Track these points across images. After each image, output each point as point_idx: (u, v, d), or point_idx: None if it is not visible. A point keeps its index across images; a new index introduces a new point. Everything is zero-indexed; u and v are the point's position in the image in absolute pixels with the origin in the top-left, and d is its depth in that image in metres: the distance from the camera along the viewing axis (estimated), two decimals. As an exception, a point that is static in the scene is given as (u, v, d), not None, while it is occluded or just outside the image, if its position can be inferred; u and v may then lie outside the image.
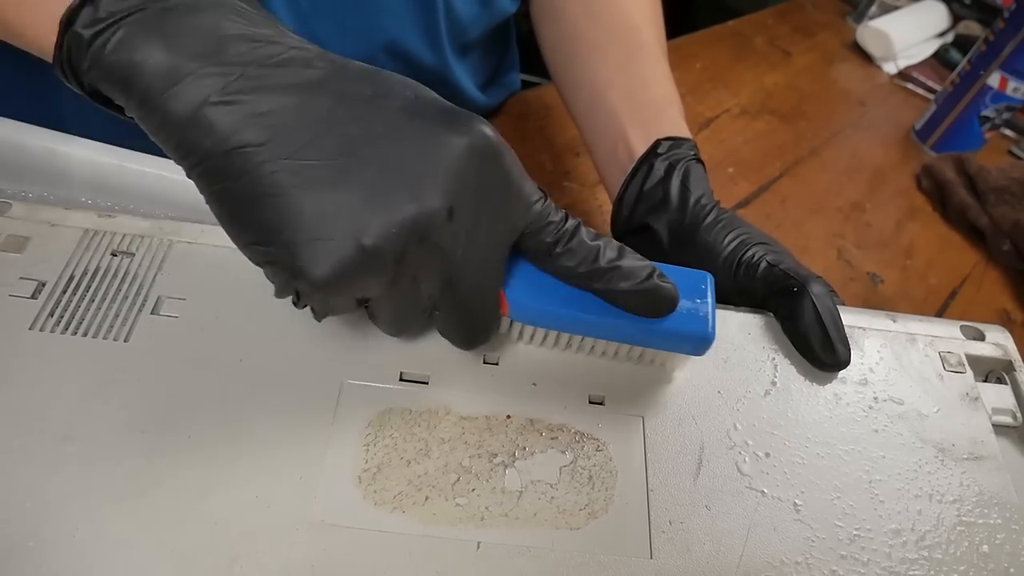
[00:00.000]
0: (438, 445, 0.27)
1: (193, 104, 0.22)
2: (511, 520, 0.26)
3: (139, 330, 0.28)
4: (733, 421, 0.29)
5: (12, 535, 0.23)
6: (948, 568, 0.26)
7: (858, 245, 0.64)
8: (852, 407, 0.31)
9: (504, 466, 0.27)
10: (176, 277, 0.30)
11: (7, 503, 0.24)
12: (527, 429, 0.28)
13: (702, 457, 0.28)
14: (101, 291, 0.29)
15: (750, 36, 0.90)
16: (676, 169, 0.40)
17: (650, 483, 0.27)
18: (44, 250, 0.30)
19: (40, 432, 0.25)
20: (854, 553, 0.26)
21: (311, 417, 0.27)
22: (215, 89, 0.22)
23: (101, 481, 0.25)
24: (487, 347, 0.30)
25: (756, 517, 0.27)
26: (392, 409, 0.28)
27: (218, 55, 0.22)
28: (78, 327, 0.28)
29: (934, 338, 0.34)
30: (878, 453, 0.29)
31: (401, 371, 0.29)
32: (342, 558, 0.24)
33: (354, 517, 0.25)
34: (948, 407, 0.31)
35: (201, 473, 0.25)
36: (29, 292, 0.29)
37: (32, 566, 0.23)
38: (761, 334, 0.33)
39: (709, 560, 0.26)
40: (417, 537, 0.25)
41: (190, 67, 0.22)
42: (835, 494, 0.28)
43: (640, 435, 0.29)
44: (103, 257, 0.30)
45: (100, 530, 0.24)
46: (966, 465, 0.29)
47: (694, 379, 0.31)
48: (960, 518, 0.28)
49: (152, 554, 0.23)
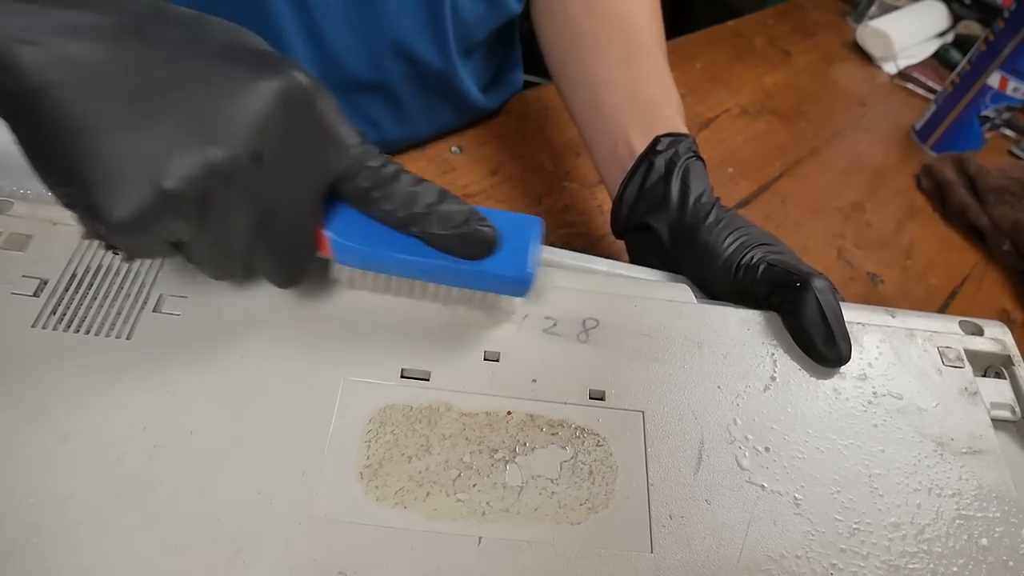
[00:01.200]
0: (439, 441, 0.27)
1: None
2: (512, 515, 0.26)
3: (141, 328, 0.29)
4: (733, 416, 0.30)
5: (14, 532, 0.23)
6: (947, 561, 0.27)
7: (858, 245, 0.64)
8: (852, 402, 0.31)
9: (505, 462, 0.27)
10: (177, 275, 0.30)
11: (9, 500, 0.24)
12: (528, 425, 0.28)
13: (702, 452, 0.28)
14: (103, 289, 0.29)
15: (750, 36, 0.90)
16: (676, 166, 0.40)
17: (650, 478, 0.27)
18: (46, 248, 0.30)
19: (42, 429, 0.25)
20: (854, 547, 0.26)
21: (312, 414, 0.27)
22: (21, 27, 0.21)
23: (103, 478, 0.25)
24: (481, 340, 0.30)
25: (756, 511, 0.27)
26: (393, 405, 0.28)
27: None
28: (80, 325, 0.28)
29: (933, 333, 0.34)
30: (877, 447, 0.29)
31: (402, 368, 0.29)
32: (344, 553, 0.24)
33: (356, 513, 0.25)
34: (947, 402, 0.31)
35: (203, 469, 0.25)
36: (31, 290, 0.29)
37: (34, 562, 0.23)
38: (761, 330, 0.33)
39: (709, 554, 0.26)
40: (418, 532, 0.25)
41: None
42: (835, 488, 0.28)
43: (640, 430, 0.29)
44: (105, 255, 0.30)
45: (102, 527, 0.24)
46: (965, 459, 0.30)
47: (694, 374, 0.31)
48: (959, 512, 0.28)
49: (154, 550, 0.23)
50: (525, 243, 0.28)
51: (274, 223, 0.25)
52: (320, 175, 0.26)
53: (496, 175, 0.61)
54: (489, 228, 0.27)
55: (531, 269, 0.28)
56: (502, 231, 0.28)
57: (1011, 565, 0.27)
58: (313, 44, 0.49)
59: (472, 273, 0.28)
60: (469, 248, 0.27)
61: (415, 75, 0.55)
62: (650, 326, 0.32)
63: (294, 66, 0.24)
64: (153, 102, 0.22)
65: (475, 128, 0.65)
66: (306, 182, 0.26)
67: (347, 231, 0.27)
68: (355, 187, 0.26)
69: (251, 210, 0.24)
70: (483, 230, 0.27)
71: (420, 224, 0.27)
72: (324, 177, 0.26)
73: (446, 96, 0.59)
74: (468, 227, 0.27)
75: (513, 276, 0.28)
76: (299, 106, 0.24)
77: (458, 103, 0.60)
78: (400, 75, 0.54)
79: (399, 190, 0.27)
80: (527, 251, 0.28)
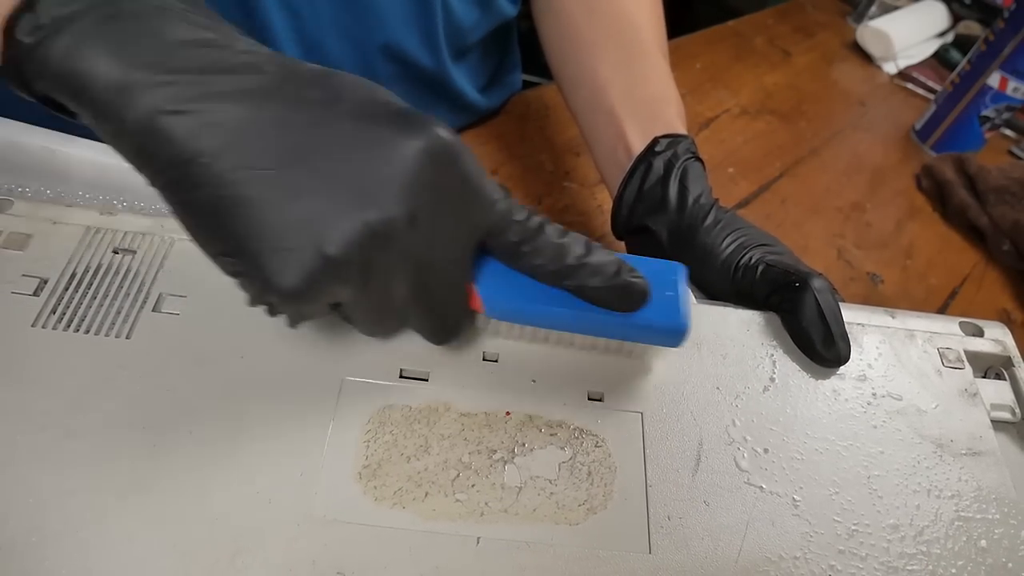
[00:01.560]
0: (438, 441, 0.27)
1: (146, 115, 0.21)
2: (510, 516, 0.26)
3: (140, 327, 0.29)
4: (732, 417, 0.30)
5: (14, 531, 0.23)
6: (946, 563, 0.27)
7: (858, 245, 0.64)
8: (851, 403, 0.31)
9: (503, 462, 0.27)
10: (177, 275, 0.30)
11: (9, 499, 0.24)
12: (526, 425, 0.28)
13: (700, 453, 0.28)
14: (103, 288, 0.29)
15: (750, 36, 0.90)
16: (675, 168, 0.40)
17: (649, 479, 0.27)
18: (46, 247, 0.30)
19: (42, 428, 0.25)
20: (852, 548, 0.26)
21: (312, 414, 0.27)
22: (167, 98, 0.21)
23: (103, 477, 0.25)
24: (480, 341, 0.30)
25: (755, 512, 0.27)
26: (392, 406, 0.28)
27: (167, 63, 0.22)
28: (80, 324, 0.28)
29: (933, 334, 0.34)
30: (876, 449, 0.29)
31: (401, 368, 0.29)
32: (343, 553, 0.24)
33: (355, 513, 0.25)
34: (947, 403, 0.31)
35: (202, 469, 0.25)
36: (31, 289, 0.29)
37: (34, 562, 0.23)
38: (760, 331, 0.33)
39: (708, 555, 0.26)
40: (417, 532, 0.25)
41: (140, 76, 0.21)
42: (834, 489, 0.28)
43: (639, 431, 0.29)
44: (105, 254, 0.30)
45: (102, 526, 0.24)
46: (964, 461, 0.30)
47: (693, 375, 0.31)
48: (958, 513, 0.28)
49: (154, 549, 0.24)
50: (675, 291, 0.28)
51: (429, 282, 0.25)
52: (469, 232, 0.26)
53: (496, 175, 0.61)
54: (640, 280, 0.27)
55: (686, 319, 0.27)
56: (648, 278, 0.27)
57: (1010, 567, 0.27)
58: (304, 46, 0.49)
59: (625, 325, 0.27)
60: (623, 301, 0.27)
61: (407, 76, 0.55)
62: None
63: (435, 122, 0.23)
64: (305, 166, 0.22)
65: (475, 128, 0.65)
66: (457, 239, 0.25)
67: (496, 286, 0.27)
68: (504, 242, 0.26)
69: (408, 270, 0.24)
70: (635, 282, 0.27)
71: (573, 277, 0.26)
72: (473, 233, 0.26)
73: (441, 97, 0.59)
74: (621, 279, 0.26)
75: (668, 327, 0.27)
76: (445, 163, 0.24)
77: (454, 104, 0.60)
78: (392, 76, 0.54)
79: (547, 243, 0.26)
80: (678, 300, 0.28)
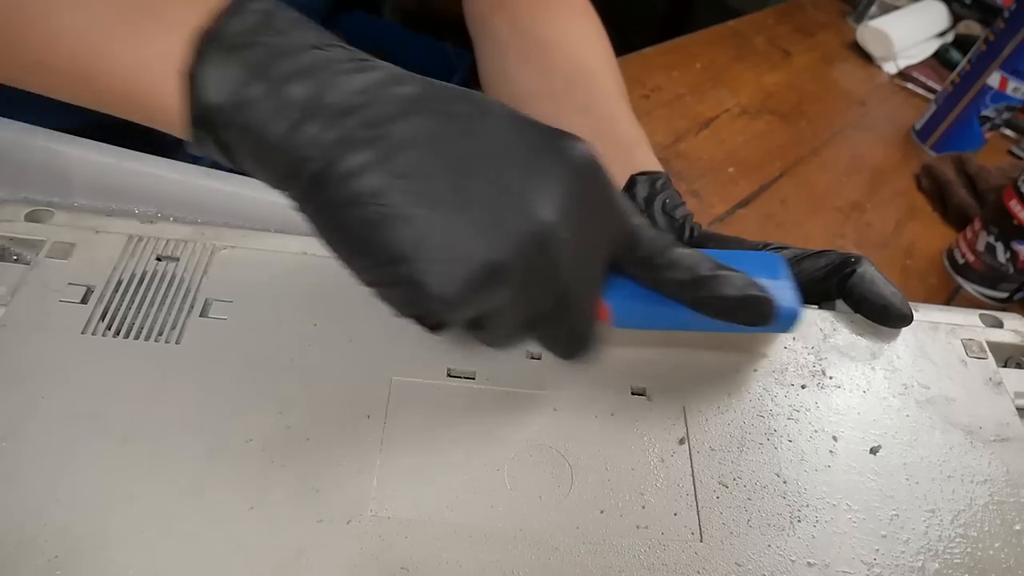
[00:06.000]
0: (490, 439, 0.28)
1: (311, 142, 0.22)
2: (563, 509, 0.27)
3: (189, 332, 0.29)
4: (772, 409, 0.30)
5: (79, 535, 0.23)
6: (984, 545, 0.27)
7: (858, 245, 0.65)
8: (883, 394, 0.32)
9: (553, 457, 0.28)
10: (221, 280, 0.31)
11: (74, 503, 0.24)
12: (573, 421, 0.29)
13: (744, 445, 0.29)
14: (149, 295, 0.30)
15: (750, 36, 0.91)
16: (656, 198, 0.40)
17: (695, 470, 0.28)
18: (90, 256, 0.31)
19: (100, 434, 0.26)
20: (894, 532, 0.27)
21: (363, 413, 0.28)
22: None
23: (164, 479, 0.25)
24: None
25: (799, 502, 0.28)
26: (441, 404, 0.29)
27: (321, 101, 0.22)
28: (129, 330, 0.29)
29: (955, 326, 0.35)
30: (910, 437, 0.30)
31: (448, 367, 0.30)
32: (405, 549, 0.25)
33: (413, 509, 0.26)
34: (973, 392, 0.32)
35: (259, 470, 0.26)
36: (79, 297, 0.29)
37: (103, 564, 0.23)
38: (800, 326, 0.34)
39: (757, 545, 0.27)
40: (475, 527, 0.26)
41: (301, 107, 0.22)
42: (872, 477, 0.29)
43: (683, 425, 0.29)
44: (148, 262, 0.31)
45: (167, 526, 0.24)
46: (994, 447, 0.31)
47: (735, 370, 0.32)
48: (992, 497, 0.29)
49: (219, 550, 0.24)
50: (782, 278, 0.29)
51: (570, 293, 0.25)
52: (607, 245, 0.26)
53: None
54: (768, 295, 0.27)
55: (797, 304, 0.28)
56: (753, 269, 0.28)
57: (1044, 548, 0.28)
58: None
59: None
60: (750, 314, 0.27)
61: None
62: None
63: (577, 137, 0.24)
64: (463, 177, 0.22)
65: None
66: (598, 251, 0.26)
67: (622, 296, 0.28)
68: (638, 256, 0.27)
69: (554, 281, 0.24)
70: (764, 296, 0.27)
71: (709, 288, 0.26)
72: (610, 247, 0.26)
73: None
74: (751, 291, 0.27)
75: (783, 312, 0.28)
76: (590, 176, 0.24)
77: None
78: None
79: (681, 255, 0.27)
80: (788, 287, 0.29)
